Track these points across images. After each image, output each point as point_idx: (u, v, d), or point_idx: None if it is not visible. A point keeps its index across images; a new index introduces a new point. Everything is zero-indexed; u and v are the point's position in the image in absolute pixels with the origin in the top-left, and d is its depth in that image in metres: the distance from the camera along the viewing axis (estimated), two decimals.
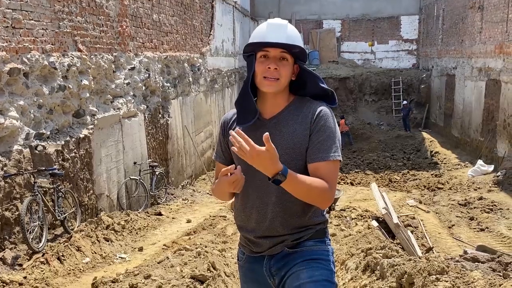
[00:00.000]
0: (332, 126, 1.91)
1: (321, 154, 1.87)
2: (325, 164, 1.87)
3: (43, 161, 5.44)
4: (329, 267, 1.98)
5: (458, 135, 16.19)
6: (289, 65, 1.93)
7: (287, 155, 1.89)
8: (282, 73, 1.91)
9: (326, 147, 1.88)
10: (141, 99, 8.52)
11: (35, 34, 5.38)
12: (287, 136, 1.92)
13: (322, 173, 1.86)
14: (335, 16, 23.64)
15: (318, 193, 1.83)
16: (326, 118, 1.91)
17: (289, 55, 1.93)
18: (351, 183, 13.17)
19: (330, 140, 1.88)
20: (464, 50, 15.76)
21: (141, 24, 8.52)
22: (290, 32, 1.93)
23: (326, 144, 1.88)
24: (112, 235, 5.90)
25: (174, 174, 10.11)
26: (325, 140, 1.88)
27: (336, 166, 1.91)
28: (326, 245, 2.02)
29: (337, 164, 1.91)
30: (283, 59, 1.92)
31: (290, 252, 1.98)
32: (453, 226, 7.94)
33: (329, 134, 1.89)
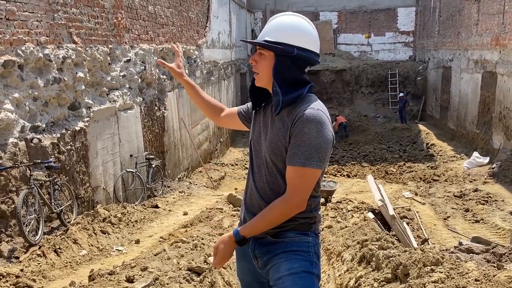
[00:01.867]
0: (311, 132, 1.85)
1: (292, 159, 1.89)
2: (293, 169, 1.89)
3: (38, 154, 5.42)
4: (309, 258, 2.01)
5: (454, 127, 16.24)
6: (265, 60, 1.96)
7: (270, 150, 1.98)
8: (259, 67, 1.99)
9: (298, 153, 1.87)
10: (137, 91, 8.49)
11: (30, 26, 5.33)
12: (275, 131, 1.97)
13: (288, 177, 1.92)
14: (331, 8, 23.56)
15: (279, 217, 1.94)
16: (307, 122, 1.86)
17: (265, 50, 1.96)
18: (347, 175, 13.22)
19: (305, 147, 1.85)
20: (461, 42, 15.76)
21: (137, 16, 8.46)
22: (268, 27, 1.99)
23: (299, 150, 1.86)
24: (108, 228, 5.91)
25: (170, 166, 10.10)
26: (299, 145, 1.87)
27: (304, 174, 1.87)
28: (309, 236, 2.04)
29: (306, 171, 1.87)
30: (261, 54, 1.98)
31: (272, 241, 2.03)
32: (449, 218, 8.00)
33: (305, 140, 1.85)
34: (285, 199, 1.92)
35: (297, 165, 1.87)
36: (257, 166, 2.07)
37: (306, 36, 1.97)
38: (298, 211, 1.95)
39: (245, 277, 2.21)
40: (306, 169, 1.86)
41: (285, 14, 2.02)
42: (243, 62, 19.64)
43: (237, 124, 2.38)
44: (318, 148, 1.86)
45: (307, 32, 1.98)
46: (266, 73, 1.97)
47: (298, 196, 1.91)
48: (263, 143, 2.02)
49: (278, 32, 1.94)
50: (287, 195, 1.92)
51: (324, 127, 1.87)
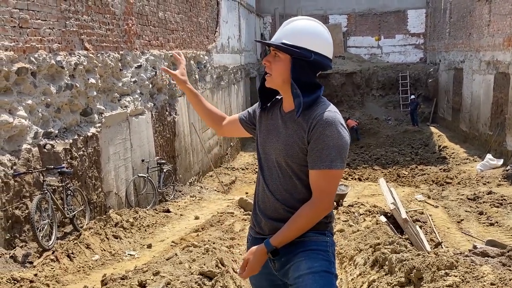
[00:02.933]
0: (333, 134, 1.89)
1: (316, 162, 1.91)
2: (318, 172, 1.92)
3: (51, 160, 5.48)
4: (328, 258, 2.02)
5: (466, 129, 16.06)
6: (280, 62, 1.97)
7: (285, 151, 1.99)
8: (272, 68, 2.00)
9: (322, 156, 1.89)
10: (148, 96, 8.55)
11: (42, 33, 5.41)
12: (289, 133, 1.99)
13: (313, 181, 1.94)
14: (341, 11, 23.51)
15: (309, 222, 1.96)
16: (327, 125, 1.90)
17: (280, 52, 1.97)
18: (359, 179, 13.13)
19: (328, 149, 1.89)
20: (472, 43, 15.60)
21: (147, 22, 8.54)
22: (286, 29, 2.00)
23: (323, 153, 1.89)
24: (121, 232, 5.94)
25: (181, 171, 10.14)
26: (322, 148, 1.89)
27: (330, 176, 1.91)
28: (326, 236, 2.06)
29: (331, 173, 1.91)
30: (276, 55, 1.99)
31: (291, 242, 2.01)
32: (462, 221, 7.89)
33: (328, 142, 1.89)
34: (313, 203, 1.94)
35: (323, 168, 1.89)
36: (267, 169, 2.08)
37: (323, 41, 1.99)
38: (326, 214, 1.98)
39: (260, 281, 2.19)
40: (332, 171, 1.90)
41: (301, 18, 2.04)
42: (252, 67, 19.67)
43: (240, 132, 2.38)
44: (341, 149, 1.90)
45: (323, 38, 2.00)
46: (279, 75, 1.99)
47: (326, 198, 1.94)
48: (274, 145, 2.03)
49: (296, 36, 1.96)
50: (315, 199, 1.94)
51: (343, 128, 1.93)
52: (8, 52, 4.84)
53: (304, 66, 1.95)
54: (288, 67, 1.95)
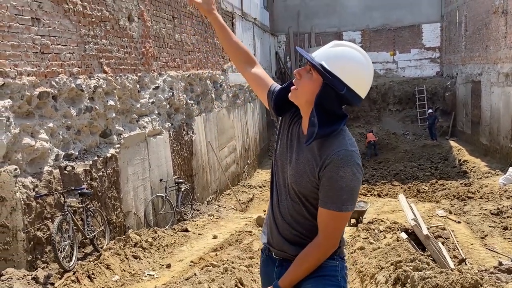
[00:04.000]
0: (347, 176, 1.80)
1: (326, 203, 1.85)
2: (327, 213, 1.86)
3: (72, 181, 5.57)
4: (337, 283, 1.97)
5: (486, 143, 15.78)
6: (311, 80, 1.85)
7: (294, 178, 1.93)
8: (301, 83, 1.88)
9: (334, 197, 1.83)
10: (166, 117, 8.66)
11: (63, 58, 5.57)
12: (301, 161, 1.92)
13: (321, 220, 1.89)
14: (354, 27, 23.59)
15: (316, 262, 1.93)
16: (341, 166, 1.80)
17: (315, 72, 1.84)
18: (378, 195, 12.97)
19: (340, 191, 1.81)
20: (489, 55, 15.45)
21: (164, 44, 8.71)
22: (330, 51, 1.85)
23: (335, 194, 1.83)
24: (140, 253, 5.96)
25: (199, 190, 10.18)
26: (334, 189, 1.82)
27: (339, 217, 1.86)
28: (335, 260, 1.99)
29: (341, 215, 1.85)
30: (309, 72, 1.87)
31: None
32: (486, 237, 7.70)
33: (341, 184, 1.81)
34: (320, 244, 1.90)
35: (333, 210, 1.84)
36: (279, 187, 2.03)
37: (361, 80, 1.86)
38: (333, 251, 1.94)
39: None
40: (342, 214, 1.85)
41: (351, 46, 1.88)
42: None
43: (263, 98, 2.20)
44: (353, 191, 1.83)
45: (363, 76, 1.86)
46: (304, 93, 1.87)
47: (332, 239, 1.90)
48: (288, 167, 1.97)
49: (337, 63, 1.82)
50: (321, 239, 1.89)
51: (358, 168, 1.83)
52: (30, 77, 4.98)
53: (331, 96, 1.83)
54: (316, 89, 1.84)
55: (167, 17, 8.91)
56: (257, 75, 2.24)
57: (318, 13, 23.60)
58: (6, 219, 4.48)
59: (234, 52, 2.28)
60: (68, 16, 5.71)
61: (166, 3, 8.89)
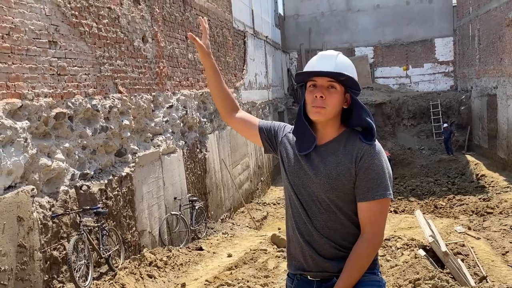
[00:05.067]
0: (381, 164, 1.92)
1: (368, 194, 1.89)
2: (370, 204, 1.89)
3: (87, 200, 5.62)
4: None
5: (504, 156, 15.50)
6: (337, 94, 1.93)
7: (329, 185, 1.92)
8: (328, 102, 1.92)
9: (375, 186, 1.89)
10: (180, 135, 8.73)
11: (79, 79, 5.68)
12: (331, 166, 1.93)
13: (364, 214, 1.90)
14: (366, 43, 23.65)
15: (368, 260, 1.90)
16: (375, 155, 1.91)
17: (337, 84, 1.92)
18: (394, 211, 12.77)
19: (380, 179, 1.90)
20: (504, 68, 15.30)
21: (177, 64, 8.83)
22: (339, 61, 1.97)
23: (375, 183, 1.89)
24: (155, 272, 5.95)
25: (213, 207, 10.16)
26: (373, 178, 1.89)
27: (383, 205, 1.91)
28: (377, 276, 1.97)
29: (384, 202, 1.90)
30: (331, 87, 1.93)
31: None
32: (507, 253, 7.50)
33: (379, 172, 1.90)
34: (368, 239, 1.89)
35: (377, 198, 1.88)
36: (307, 204, 1.98)
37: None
38: (380, 245, 1.95)
39: None
40: (385, 200, 1.90)
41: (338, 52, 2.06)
42: (280, 101, 19.87)
43: (252, 136, 2.26)
44: (390, 178, 1.94)
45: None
46: (334, 107, 1.95)
47: (380, 231, 1.91)
48: (313, 180, 1.95)
49: (349, 70, 1.97)
50: (369, 234, 1.89)
51: (385, 158, 1.97)
52: (47, 99, 5.08)
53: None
54: (342, 100, 1.96)
55: (180, 37, 9.05)
56: (244, 118, 2.30)
57: (330, 29, 23.76)
58: (23, 239, 4.52)
59: (223, 98, 2.31)
60: (84, 38, 5.84)
61: (180, 24, 9.05)
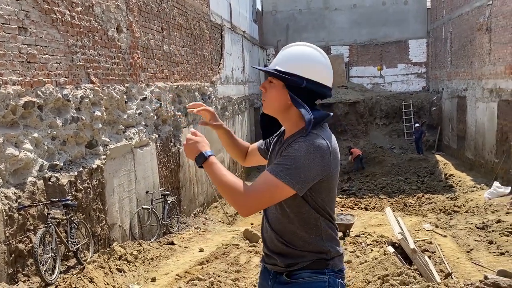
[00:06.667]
0: (300, 150, 1.78)
1: (269, 166, 1.86)
2: (264, 173, 1.83)
3: (56, 192, 5.48)
4: None
5: (472, 157, 15.98)
6: (274, 88, 1.93)
7: None
8: (267, 95, 1.97)
9: (277, 163, 1.82)
10: (153, 128, 8.61)
11: (49, 68, 5.52)
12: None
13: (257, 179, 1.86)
14: (342, 42, 23.90)
15: (228, 191, 1.80)
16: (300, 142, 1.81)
17: (274, 79, 1.93)
18: (365, 208, 12.99)
19: (286, 160, 1.78)
20: (474, 71, 15.73)
21: (152, 55, 8.70)
22: (283, 55, 1.97)
23: (279, 161, 1.81)
24: (125, 266, 5.86)
25: (186, 202, 10.09)
26: (282, 157, 1.82)
27: (270, 181, 1.77)
28: (325, 275, 1.90)
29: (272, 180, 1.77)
30: (271, 82, 1.97)
31: (287, 281, 1.94)
32: (472, 251, 7.75)
33: (290, 154, 1.79)
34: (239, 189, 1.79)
35: (269, 171, 1.80)
36: None
37: (317, 68, 1.91)
38: (240, 210, 1.81)
39: None
40: (274, 179, 1.77)
41: (298, 44, 1.98)
42: (256, 97, 19.87)
43: (260, 160, 2.36)
44: (298, 167, 1.76)
45: (318, 64, 1.92)
46: (272, 102, 1.96)
47: (250, 197, 1.78)
48: None
49: (289, 62, 1.91)
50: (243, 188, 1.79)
51: (317, 152, 1.78)
52: (15, 87, 4.92)
53: (299, 94, 1.89)
54: (281, 94, 1.91)
55: (156, 29, 8.92)
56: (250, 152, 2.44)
57: (307, 27, 23.88)
58: None
59: (237, 153, 2.46)
60: (56, 26, 5.67)
61: (155, 15, 8.91)
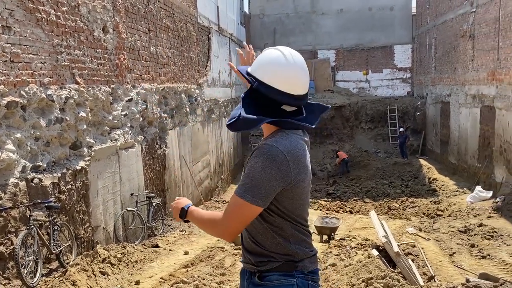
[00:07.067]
0: (257, 166, 1.80)
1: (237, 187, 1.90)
2: (232, 196, 1.89)
3: (39, 194, 5.40)
4: None
5: (455, 162, 16.22)
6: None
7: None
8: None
9: (241, 183, 1.88)
10: (139, 130, 8.55)
11: (34, 67, 5.44)
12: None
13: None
14: (329, 46, 24.07)
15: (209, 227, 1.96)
16: (256, 156, 1.84)
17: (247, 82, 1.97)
18: (350, 211, 13.08)
19: (246, 179, 1.84)
20: (458, 77, 15.99)
21: (139, 57, 8.64)
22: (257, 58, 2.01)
23: (242, 180, 1.88)
24: (108, 269, 5.80)
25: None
26: (244, 176, 1.87)
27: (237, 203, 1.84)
28: (294, 278, 1.90)
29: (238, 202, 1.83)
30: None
31: (259, 284, 1.95)
32: (454, 254, 7.85)
33: (249, 173, 1.83)
34: (216, 221, 1.91)
35: (235, 193, 1.86)
36: None
37: (276, 73, 1.86)
38: (224, 239, 1.95)
39: None
40: (241, 201, 1.83)
41: (272, 48, 1.98)
42: None
43: None
44: (258, 184, 1.79)
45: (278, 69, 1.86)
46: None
47: (224, 224, 1.87)
48: None
49: (255, 64, 1.97)
50: (219, 219, 1.90)
51: (272, 164, 1.78)
52: None
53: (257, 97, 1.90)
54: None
55: (143, 30, 8.86)
56: None
57: (294, 30, 24.01)
58: None
59: None
60: (41, 25, 5.60)
61: (142, 16, 8.86)
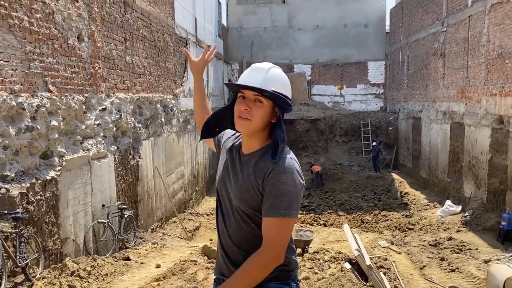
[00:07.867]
0: (288, 181, 1.86)
1: (270, 210, 1.87)
2: (271, 220, 1.86)
3: (5, 204, 5.22)
4: None
5: (426, 176, 16.57)
6: (263, 108, 1.94)
7: (239, 195, 1.96)
8: (253, 114, 1.94)
9: (276, 203, 1.85)
10: (112, 140, 8.41)
11: (4, 74, 5.30)
12: (245, 177, 1.97)
13: (264, 229, 1.88)
14: (305, 60, 24.42)
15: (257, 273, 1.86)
16: (283, 172, 1.87)
17: (264, 98, 1.94)
18: (324, 224, 13.16)
19: (283, 196, 1.85)
20: (429, 94, 16.43)
21: (114, 66, 8.54)
22: (269, 76, 1.97)
23: (277, 200, 1.85)
24: (77, 282, 5.63)
25: (143, 216, 9.86)
26: (276, 195, 1.85)
27: (283, 224, 1.85)
28: (290, 286, 2.00)
29: (284, 221, 1.85)
30: (257, 101, 1.94)
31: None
32: (425, 267, 7.98)
33: (283, 190, 1.85)
34: (262, 253, 1.85)
35: (277, 216, 1.83)
36: (226, 210, 2.05)
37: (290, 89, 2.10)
38: (275, 265, 1.88)
39: None
40: (286, 220, 1.84)
41: (276, 66, 2.08)
42: None
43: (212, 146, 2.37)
44: (296, 197, 1.87)
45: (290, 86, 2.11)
46: (260, 121, 1.95)
47: (277, 248, 1.86)
48: (233, 188, 2.00)
49: (280, 85, 2.00)
50: (265, 248, 1.85)
51: (298, 175, 1.90)
52: None
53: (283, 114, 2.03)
54: (269, 113, 1.97)
55: (119, 39, 8.78)
56: None
57: (271, 45, 24.28)
58: None
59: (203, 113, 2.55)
60: (13, 31, 5.47)
61: (119, 25, 8.78)
